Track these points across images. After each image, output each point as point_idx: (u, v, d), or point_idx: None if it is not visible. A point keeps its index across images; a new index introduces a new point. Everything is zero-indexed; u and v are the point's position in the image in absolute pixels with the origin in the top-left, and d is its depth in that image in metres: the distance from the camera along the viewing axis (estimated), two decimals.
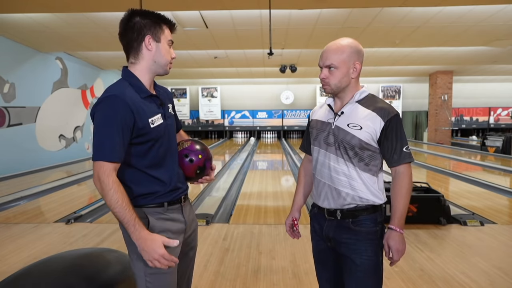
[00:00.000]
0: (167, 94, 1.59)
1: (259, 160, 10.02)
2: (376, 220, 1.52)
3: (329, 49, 1.51)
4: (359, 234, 1.50)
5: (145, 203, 1.43)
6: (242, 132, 16.67)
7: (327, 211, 1.56)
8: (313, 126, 1.66)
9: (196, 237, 1.65)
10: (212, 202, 4.79)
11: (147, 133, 1.39)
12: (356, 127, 1.47)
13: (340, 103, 1.57)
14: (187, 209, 1.57)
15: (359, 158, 1.49)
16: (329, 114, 1.58)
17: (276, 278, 2.68)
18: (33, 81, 8.13)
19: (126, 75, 1.44)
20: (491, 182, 5.96)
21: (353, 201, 1.50)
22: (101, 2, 5.31)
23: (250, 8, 5.78)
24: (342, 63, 1.48)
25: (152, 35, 1.41)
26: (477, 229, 3.69)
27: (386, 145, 1.47)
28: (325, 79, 1.51)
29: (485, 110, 15.93)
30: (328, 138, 1.54)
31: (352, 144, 1.47)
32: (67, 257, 1.87)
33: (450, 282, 2.57)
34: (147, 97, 1.43)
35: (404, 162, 1.48)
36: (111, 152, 1.31)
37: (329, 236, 1.56)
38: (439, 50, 9.16)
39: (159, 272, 1.38)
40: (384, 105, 1.50)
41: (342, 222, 1.52)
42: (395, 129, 1.46)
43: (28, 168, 7.52)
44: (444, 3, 5.41)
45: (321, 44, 9.47)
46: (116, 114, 1.32)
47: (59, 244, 3.35)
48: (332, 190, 1.53)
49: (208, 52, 9.26)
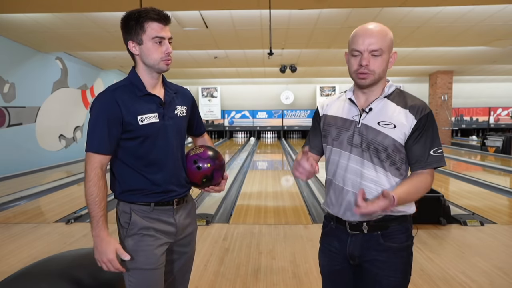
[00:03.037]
0: (181, 96, 1.57)
1: (259, 160, 10.01)
2: (408, 230, 1.34)
3: (373, 30, 1.28)
4: (389, 251, 1.32)
5: (131, 199, 1.44)
6: (242, 132, 16.67)
7: (350, 225, 1.35)
8: (330, 123, 1.42)
9: (193, 242, 1.63)
10: (212, 202, 4.79)
11: (135, 129, 1.40)
12: (389, 126, 1.30)
13: (364, 98, 1.37)
14: (182, 212, 1.53)
15: (391, 162, 1.31)
16: (352, 110, 1.38)
17: (276, 278, 2.68)
18: (33, 81, 8.13)
19: (130, 74, 1.49)
20: (491, 182, 5.96)
21: (382, 212, 1.26)
22: (101, 2, 5.31)
23: (250, 8, 5.78)
24: (387, 49, 1.29)
25: (133, 39, 1.40)
26: (477, 229, 3.69)
27: (414, 147, 1.30)
28: (369, 65, 1.27)
29: (485, 110, 15.92)
30: (353, 139, 1.34)
31: (385, 145, 1.30)
32: (67, 257, 1.87)
33: (450, 282, 2.57)
34: (144, 95, 1.44)
35: (431, 166, 1.30)
36: (98, 144, 1.37)
37: (354, 254, 1.36)
38: (439, 50, 9.16)
39: (139, 267, 1.41)
40: (416, 101, 1.33)
41: (370, 236, 1.33)
42: (426, 128, 1.29)
43: (28, 168, 7.51)
44: (444, 3, 5.41)
45: (321, 44, 9.45)
46: (103, 109, 1.39)
47: (59, 244, 3.35)
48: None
49: (208, 52, 9.26)
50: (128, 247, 1.42)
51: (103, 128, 1.37)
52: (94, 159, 1.37)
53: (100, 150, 1.37)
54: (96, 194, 1.35)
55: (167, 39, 1.41)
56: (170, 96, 1.51)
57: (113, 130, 1.38)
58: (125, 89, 1.43)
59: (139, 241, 1.43)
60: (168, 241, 1.49)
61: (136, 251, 1.42)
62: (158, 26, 1.38)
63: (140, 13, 1.37)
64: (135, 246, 1.42)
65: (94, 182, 1.35)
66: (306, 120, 16.07)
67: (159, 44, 1.39)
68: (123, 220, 1.46)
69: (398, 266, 1.32)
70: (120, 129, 1.39)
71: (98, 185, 1.35)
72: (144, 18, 1.37)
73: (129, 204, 1.45)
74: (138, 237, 1.43)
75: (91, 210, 1.35)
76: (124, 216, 1.45)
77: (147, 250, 1.42)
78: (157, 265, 1.44)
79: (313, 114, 1.55)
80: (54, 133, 9.07)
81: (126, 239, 1.44)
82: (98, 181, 1.36)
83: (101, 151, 1.37)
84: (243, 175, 7.22)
